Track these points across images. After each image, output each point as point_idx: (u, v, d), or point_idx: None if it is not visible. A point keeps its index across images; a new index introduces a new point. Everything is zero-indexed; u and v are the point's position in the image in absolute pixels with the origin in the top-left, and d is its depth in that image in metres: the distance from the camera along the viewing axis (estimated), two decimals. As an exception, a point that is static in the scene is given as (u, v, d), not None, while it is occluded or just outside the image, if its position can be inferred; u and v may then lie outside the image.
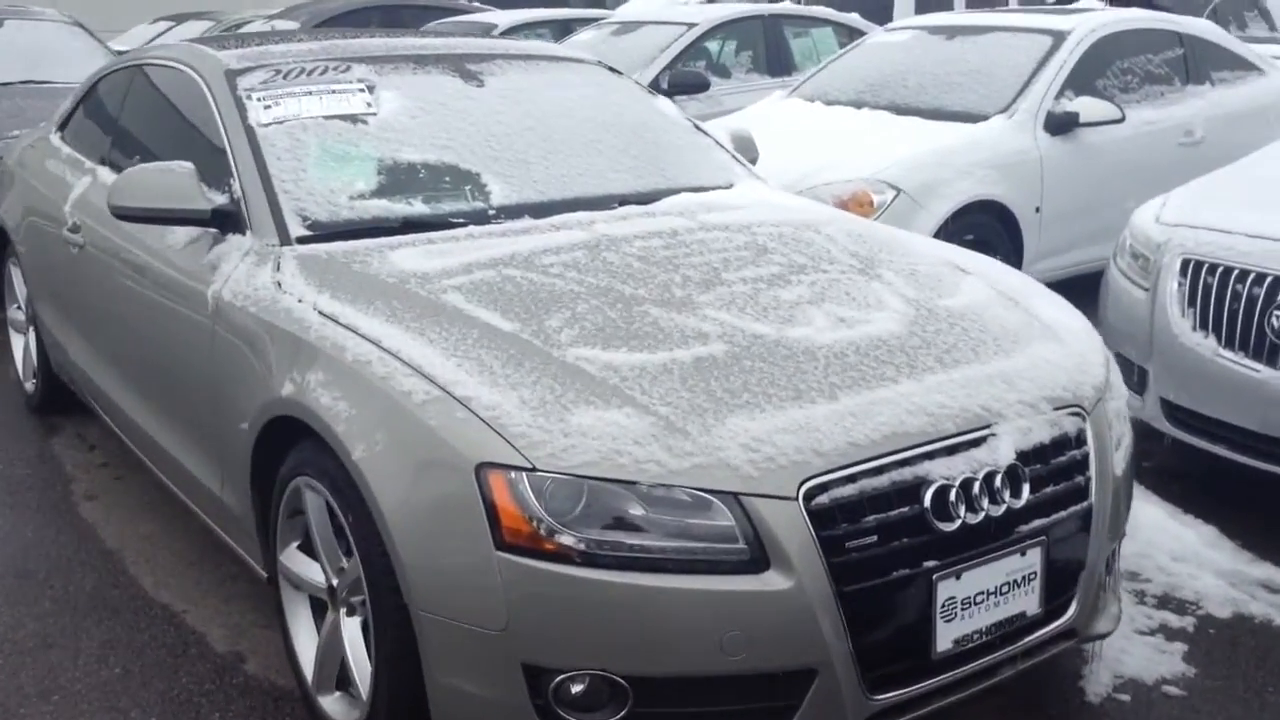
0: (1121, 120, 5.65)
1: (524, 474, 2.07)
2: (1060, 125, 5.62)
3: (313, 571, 2.60)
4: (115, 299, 3.47)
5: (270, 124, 3.18)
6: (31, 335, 4.62)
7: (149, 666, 2.90)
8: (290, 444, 2.59)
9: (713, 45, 8.45)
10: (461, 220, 3.01)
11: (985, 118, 5.60)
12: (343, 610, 2.48)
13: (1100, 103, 5.65)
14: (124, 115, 3.89)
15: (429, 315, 2.46)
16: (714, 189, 3.47)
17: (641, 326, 2.43)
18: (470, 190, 3.14)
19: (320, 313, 2.55)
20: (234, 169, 3.08)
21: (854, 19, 9.18)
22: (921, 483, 2.18)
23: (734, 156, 3.79)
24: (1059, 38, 5.93)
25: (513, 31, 10.28)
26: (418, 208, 3.04)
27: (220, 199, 3.04)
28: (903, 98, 6.00)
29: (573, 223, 3.02)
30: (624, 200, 3.24)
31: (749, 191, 3.53)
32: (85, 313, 3.76)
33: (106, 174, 3.81)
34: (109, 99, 4.11)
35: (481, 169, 3.22)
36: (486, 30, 10.17)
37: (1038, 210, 5.58)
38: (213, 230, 3.05)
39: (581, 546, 2.05)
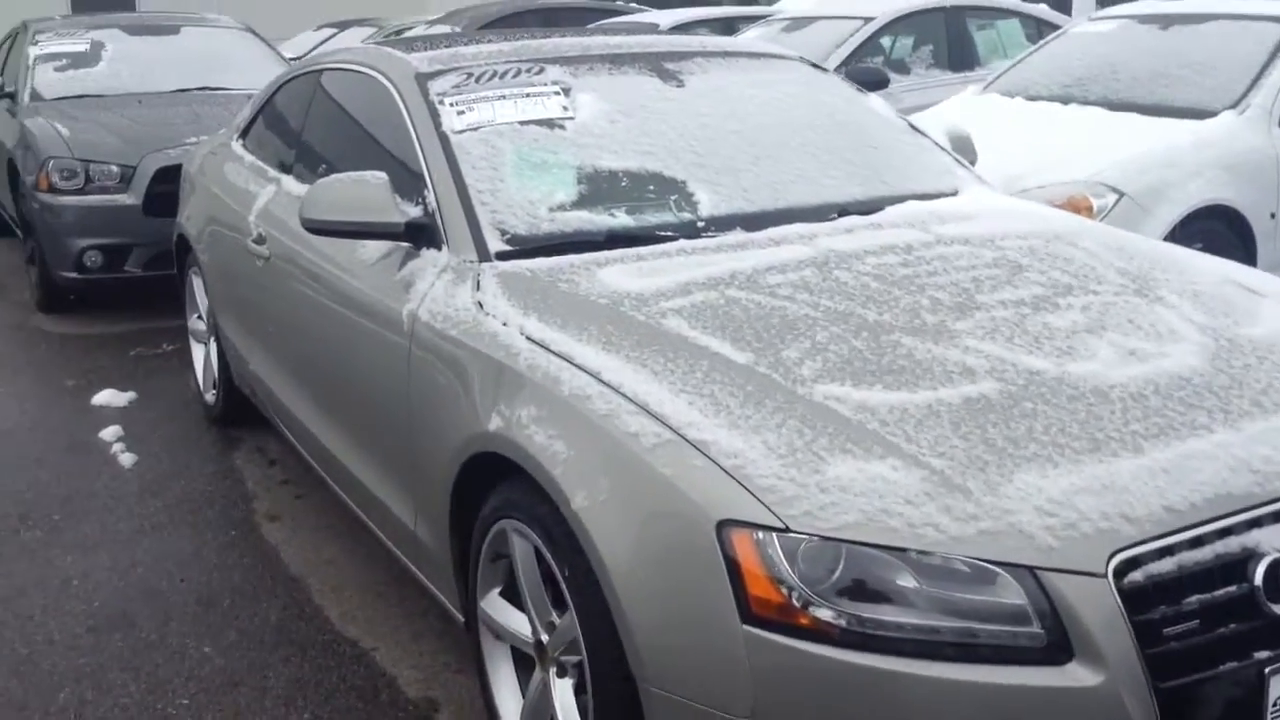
0: (1371, 115, 5.06)
1: (774, 534, 1.79)
2: (1298, 121, 5.07)
3: (518, 623, 2.37)
4: (302, 314, 3.33)
5: (464, 131, 2.98)
6: (213, 346, 4.56)
7: (339, 713, 2.72)
8: (495, 482, 2.37)
9: (890, 40, 8.03)
10: (670, 234, 2.74)
11: (1213, 114, 5.09)
12: (552, 670, 2.24)
13: (1347, 95, 5.07)
14: (308, 122, 3.76)
15: (650, 343, 2.19)
16: (939, 196, 3.14)
17: (894, 360, 2.12)
18: (677, 200, 2.88)
19: (529, 338, 2.31)
20: (428, 180, 2.88)
21: (1042, 10, 8.63)
22: (1250, 556, 1.81)
23: (955, 159, 3.44)
24: (1292, 25, 5.36)
25: (675, 30, 10.04)
26: (622, 220, 2.79)
27: (414, 212, 2.85)
28: (1116, 92, 5.52)
29: (792, 236, 2.73)
30: (844, 210, 2.93)
31: (979, 198, 3.18)
32: (270, 326, 3.64)
33: (291, 183, 3.68)
34: (292, 105, 3.99)
35: (687, 176, 2.95)
36: (650, 30, 9.96)
37: (1273, 216, 5.04)
38: (405, 245, 2.86)
39: (842, 623, 1.75)
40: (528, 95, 3.12)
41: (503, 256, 2.66)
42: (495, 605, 2.44)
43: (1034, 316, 2.30)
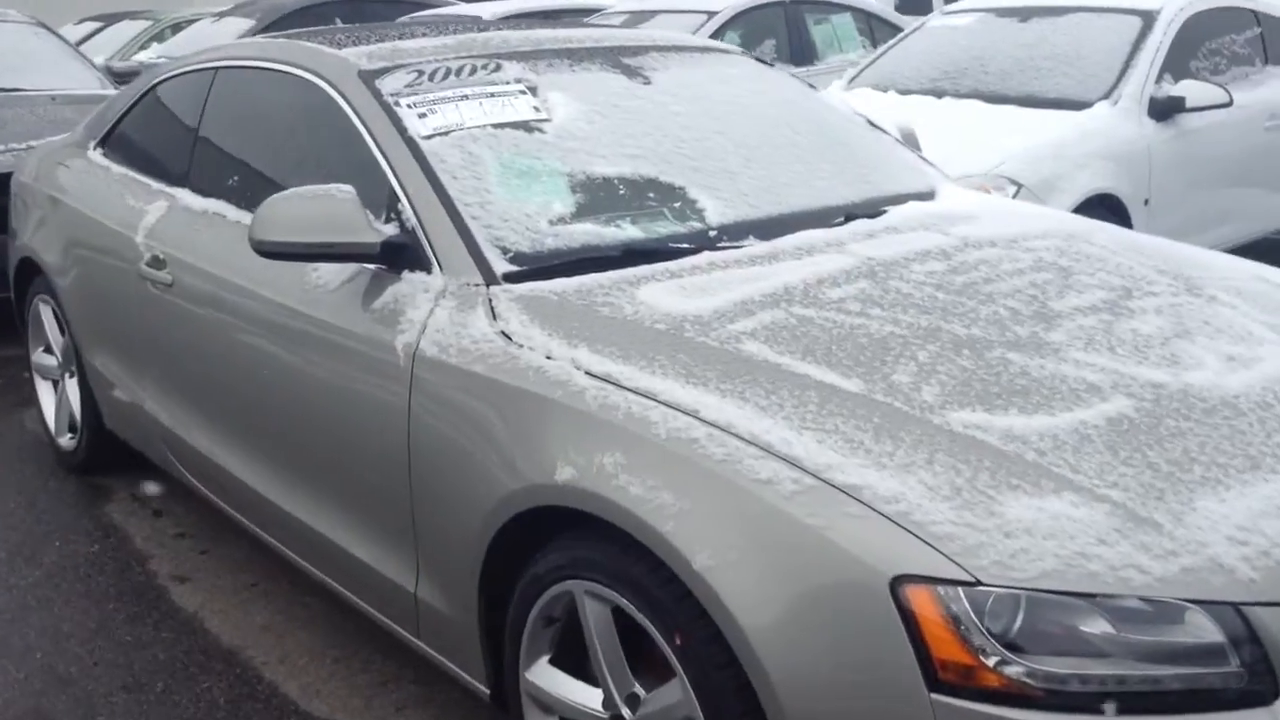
0: (1229, 104, 5.30)
1: (961, 589, 1.59)
2: (1164, 111, 5.25)
3: (580, 694, 2.08)
4: (228, 349, 2.89)
5: (433, 136, 2.64)
6: (71, 385, 3.99)
7: (347, 812, 2.36)
8: (547, 538, 2.08)
9: (734, 34, 7.97)
10: (687, 245, 2.50)
11: (1087, 105, 5.22)
12: (640, 749, 1.98)
13: (1207, 86, 5.30)
14: (205, 128, 3.29)
15: (738, 373, 1.95)
16: (922, 195, 3.01)
17: (1013, 379, 1.96)
18: (680, 208, 2.63)
19: (589, 373, 2.02)
20: (401, 192, 2.53)
21: (870, 3, 8.77)
22: None
23: (920, 156, 3.33)
24: (1149, 18, 5.56)
25: (504, 22, 9.69)
26: (630, 231, 2.53)
27: (388, 230, 2.50)
28: (988, 85, 5.59)
29: (818, 244, 2.53)
30: (849, 214, 2.76)
31: (964, 197, 3.07)
32: (174, 363, 3.16)
33: (189, 197, 3.22)
34: (176, 109, 3.50)
35: (685, 182, 2.71)
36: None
37: (1146, 203, 5.21)
38: (373, 267, 2.51)
39: (1044, 683, 1.57)
40: (492, 95, 2.80)
41: (510, 278, 2.35)
42: (545, 675, 2.14)
43: (1118, 324, 2.18)
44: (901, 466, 1.72)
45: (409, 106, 2.72)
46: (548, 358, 2.10)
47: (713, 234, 2.57)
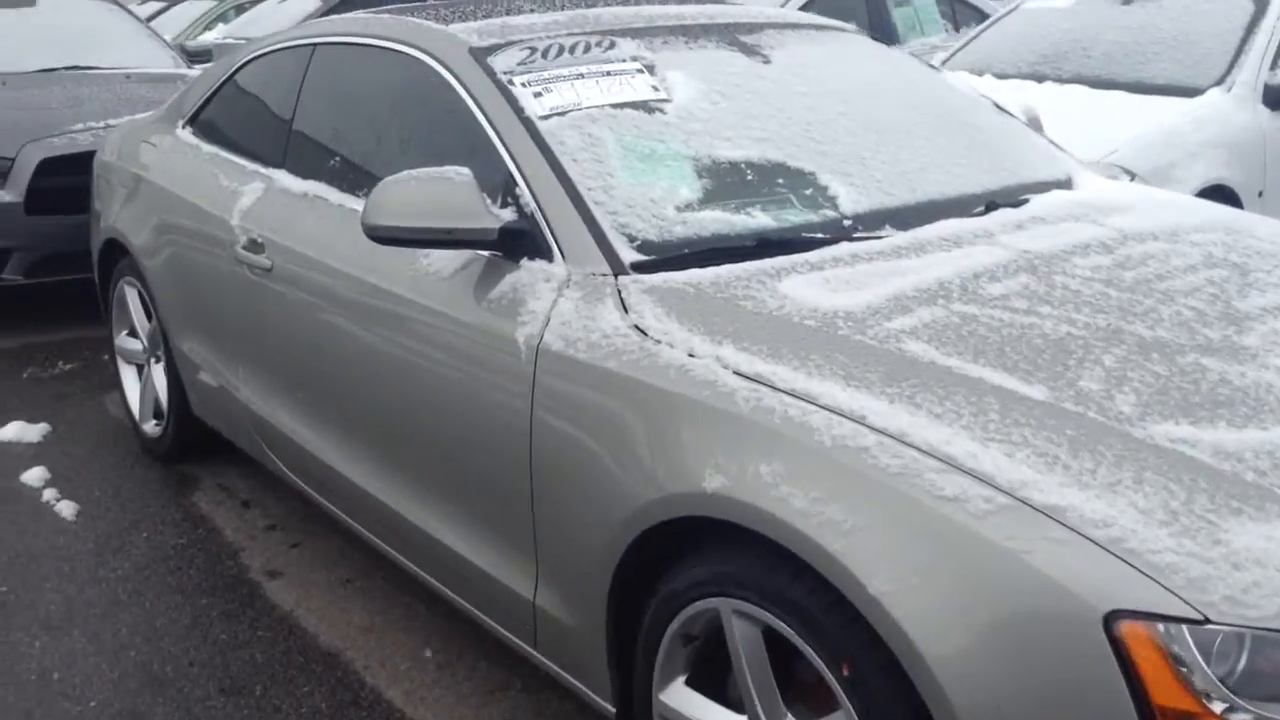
0: (1350, 92, 5.03)
1: (1186, 628, 1.42)
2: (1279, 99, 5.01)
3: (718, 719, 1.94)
4: (330, 337, 2.77)
5: (550, 116, 2.50)
6: (157, 369, 3.91)
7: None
8: (681, 548, 1.93)
9: (813, 16, 7.76)
10: (822, 235, 2.34)
11: (1199, 91, 4.97)
12: (793, 781, 1.83)
13: (1328, 72, 5.04)
14: (303, 107, 3.17)
15: (904, 375, 1.79)
16: (1060, 183, 2.83)
17: (1212, 387, 1.78)
18: (812, 195, 2.47)
19: (738, 373, 1.87)
20: (519, 176, 2.39)
21: (953, -15, 8.53)
22: None
23: (1051, 141, 3.14)
24: (1261, 3, 5.30)
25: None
26: (761, 219, 2.37)
27: (506, 215, 2.36)
28: (1092, 69, 5.35)
29: (963, 235, 2.36)
30: (990, 202, 2.58)
31: (1104, 184, 2.88)
32: (271, 350, 3.05)
33: (286, 179, 3.10)
34: (269, 87, 3.39)
35: (815, 167, 2.54)
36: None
37: (1260, 194, 4.97)
38: (488, 254, 2.38)
39: (1269, 729, 1.41)
40: (608, 73, 2.65)
41: (639, 268, 2.20)
42: (681, 697, 2.00)
43: (1314, 327, 2.00)
44: (1106, 486, 1.55)
45: (524, 85, 2.58)
46: (690, 355, 1.94)
47: (848, 223, 2.40)
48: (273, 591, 3.13)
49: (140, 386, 4.04)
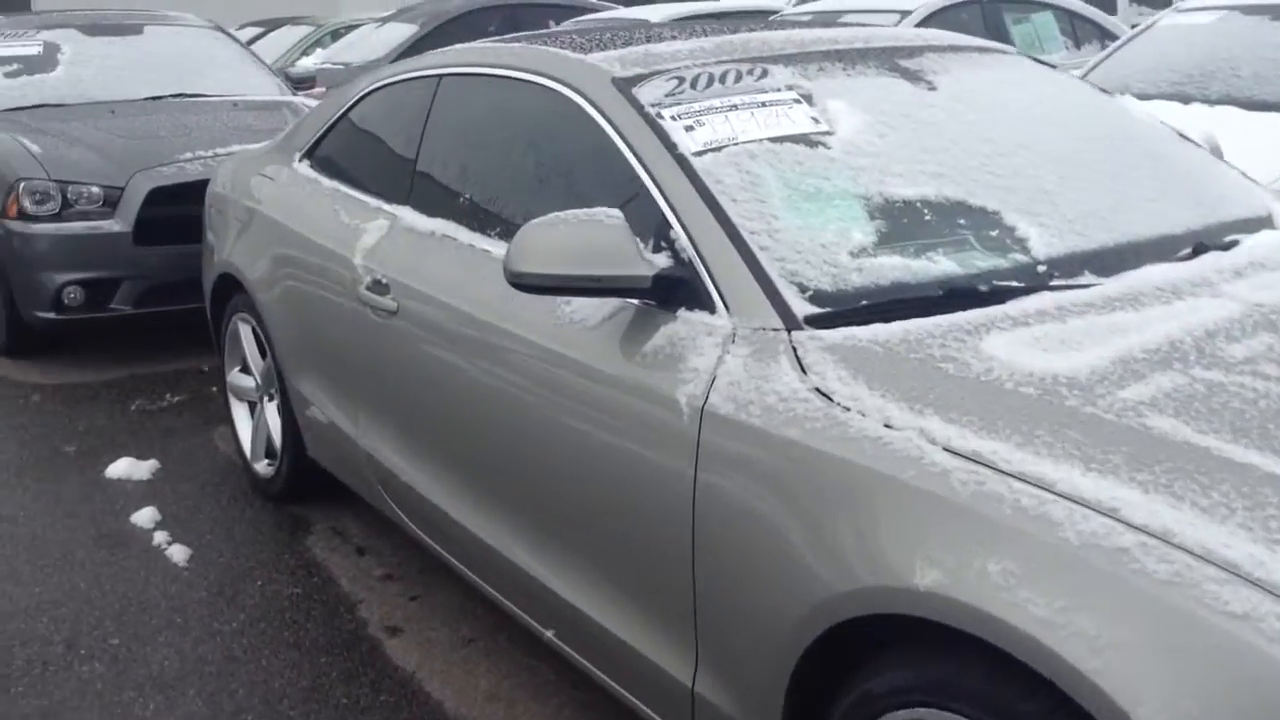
0: None
1: None
2: None
3: (922, 839, 1.71)
4: (461, 386, 2.60)
5: (704, 152, 2.30)
6: (270, 408, 3.79)
7: None
8: (873, 644, 1.71)
9: (927, 35, 7.50)
10: (1017, 284, 2.10)
11: (1365, 111, 4.63)
12: None
13: None
14: (430, 141, 3.02)
15: (1155, 459, 1.53)
16: (1263, 220, 2.55)
17: None
18: (999, 237, 2.23)
19: (951, 451, 1.64)
20: (673, 217, 2.20)
21: (1072, 2, 8.19)
22: None
23: (1243, 173, 2.86)
24: None
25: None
26: (945, 265, 2.14)
27: (661, 260, 2.16)
28: (1243, 90, 5.02)
29: (1180, 285, 2.10)
30: (1197, 245, 2.32)
31: (1312, 223, 2.60)
32: (396, 396, 2.89)
33: (412, 216, 2.95)
34: (391, 120, 3.24)
35: (998, 205, 2.31)
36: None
37: None
38: (636, 302, 2.18)
39: None
40: (763, 105, 2.45)
41: (814, 322, 1.99)
42: (872, 809, 1.78)
43: None
44: None
45: (673, 118, 2.39)
46: (887, 426, 1.72)
47: (1042, 269, 2.16)
48: (393, 650, 2.96)
49: (253, 424, 3.93)
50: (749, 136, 2.35)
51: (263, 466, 3.88)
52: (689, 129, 2.37)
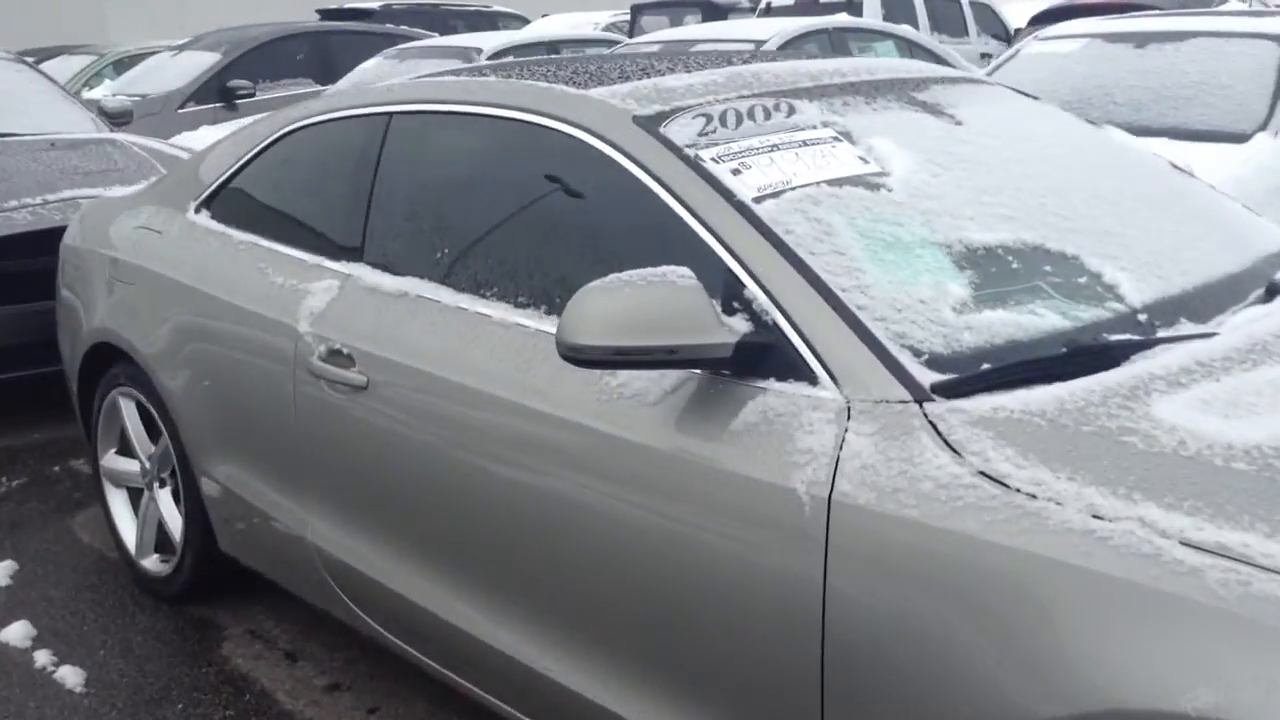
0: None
1: None
2: (1321, 142, 4.85)
3: None
4: (470, 474, 2.23)
5: (764, 197, 2.04)
6: (164, 496, 3.27)
7: None
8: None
9: (780, 64, 7.48)
10: (1131, 337, 1.92)
11: (1245, 137, 4.78)
12: None
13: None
14: (385, 191, 2.62)
15: None
16: (1288, 255, 2.49)
17: None
18: (1090, 284, 2.05)
19: (1190, 544, 1.42)
20: (745, 274, 1.93)
21: (907, 30, 8.35)
22: None
23: (1245, 207, 2.81)
24: (1289, 42, 5.17)
25: (502, 55, 9.04)
26: (1051, 319, 1.93)
27: (740, 325, 1.88)
28: (1122, 115, 5.12)
29: (1287, 330, 1.97)
30: (1270, 285, 2.21)
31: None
32: (368, 485, 2.48)
33: (374, 275, 2.55)
34: (330, 166, 2.82)
35: (1075, 249, 2.13)
36: (469, 55, 8.92)
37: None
38: (698, 372, 1.90)
39: None
40: (804, 144, 2.21)
41: (942, 391, 1.75)
42: None
43: None
44: None
45: (714, 160, 2.12)
46: (1096, 517, 1.49)
47: (1143, 318, 1.99)
48: (369, 780, 2.54)
49: (139, 515, 3.39)
50: (803, 180, 2.10)
51: (153, 563, 3.35)
52: (735, 172, 2.10)
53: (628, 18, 16.28)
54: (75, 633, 3.19)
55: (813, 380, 1.81)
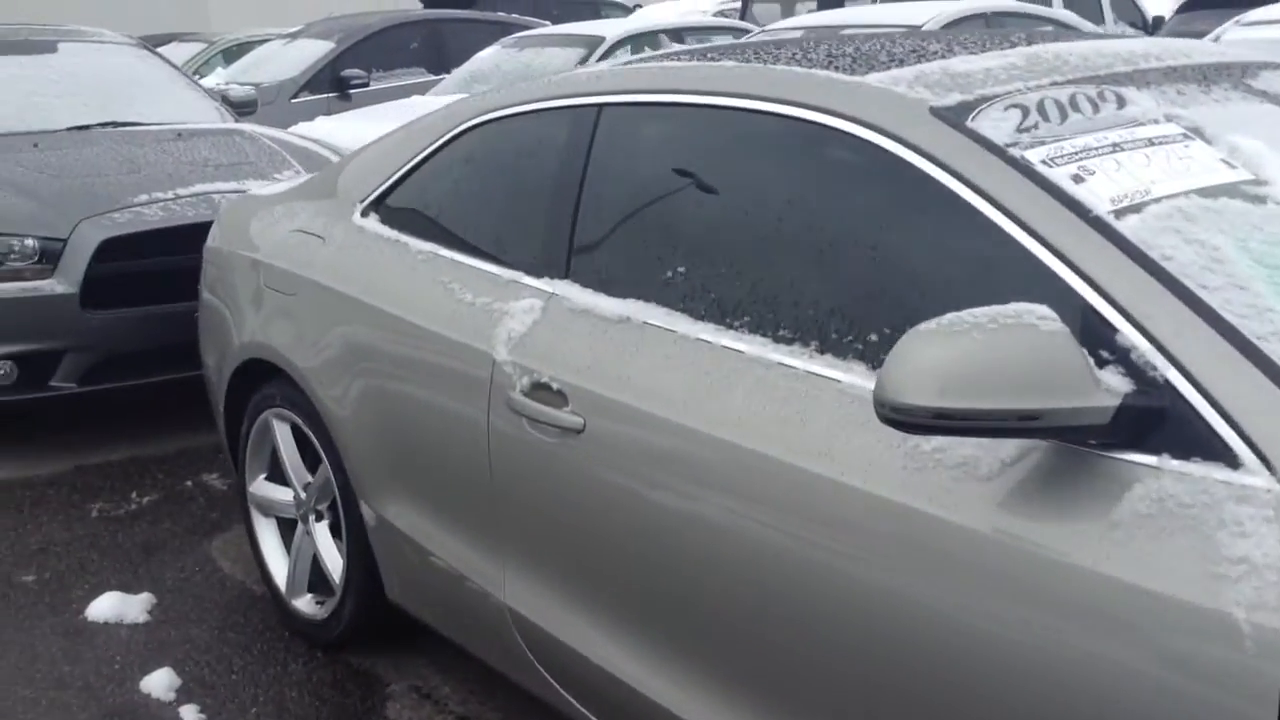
0: None
1: None
2: None
3: None
4: (721, 546, 1.83)
5: (1123, 212, 1.60)
6: (321, 532, 2.94)
7: None
8: None
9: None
10: None
11: None
12: None
13: None
14: (595, 196, 2.22)
15: None
16: None
17: None
18: None
19: None
20: (1122, 317, 1.49)
21: (1068, 15, 7.78)
22: None
23: None
24: None
25: (625, 43, 8.62)
26: None
27: (1117, 382, 1.45)
28: None
29: None
30: None
31: None
32: (583, 546, 2.09)
33: (588, 296, 2.16)
34: (524, 166, 2.43)
35: None
36: (594, 43, 8.51)
37: None
38: (1055, 442, 1.47)
39: None
40: (1150, 143, 1.76)
41: None
42: None
43: None
44: None
45: (1046, 163, 1.68)
46: None
47: None
48: None
49: (292, 549, 3.06)
50: (1166, 189, 1.66)
51: (307, 604, 3.02)
52: (1076, 179, 1.66)
53: (736, 4, 15.82)
54: (223, 683, 2.87)
55: (1231, 461, 1.37)
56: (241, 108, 6.32)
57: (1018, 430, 1.43)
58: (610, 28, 8.76)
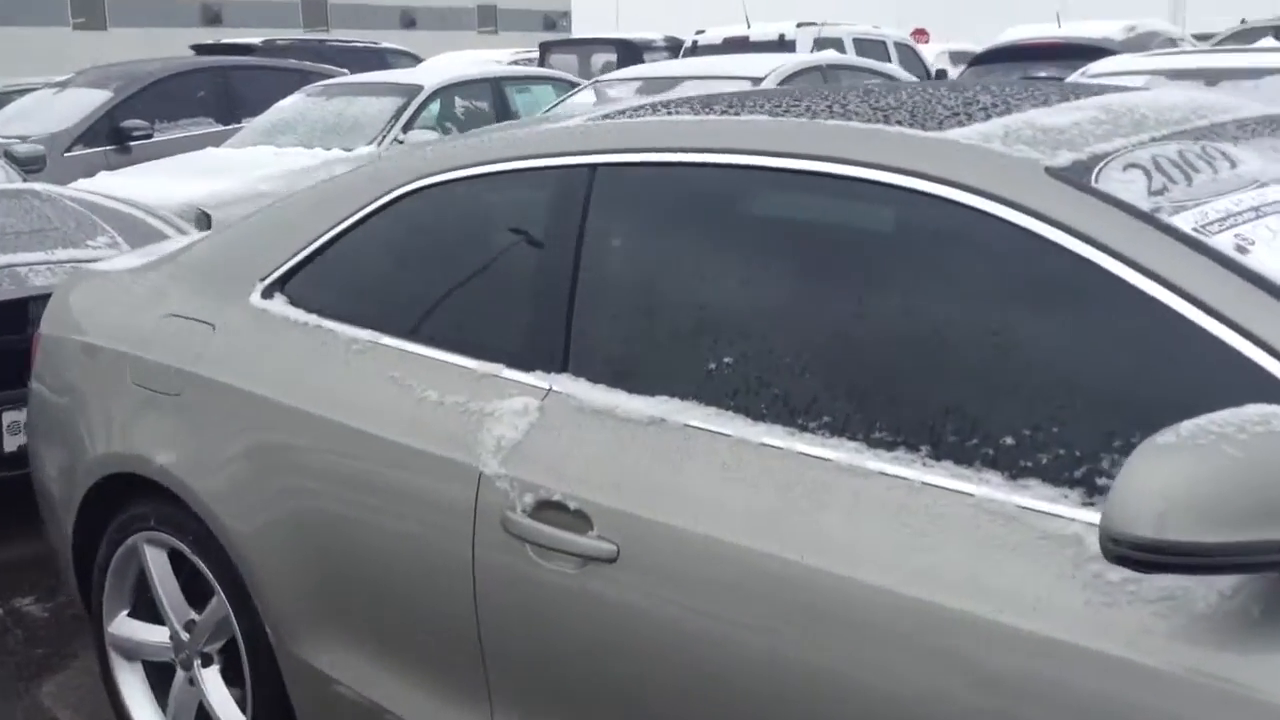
0: None
1: None
2: None
3: None
4: (826, 699, 1.48)
5: (1303, 289, 1.37)
6: (210, 678, 2.41)
7: None
8: None
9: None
10: None
11: None
12: None
13: None
14: (596, 274, 1.85)
15: None
16: None
17: None
18: None
19: None
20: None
21: (891, 68, 7.89)
22: None
23: None
24: None
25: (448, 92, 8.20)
26: None
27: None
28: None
29: None
30: None
31: None
32: (619, 708, 1.70)
33: (602, 395, 1.78)
34: (497, 239, 2.03)
35: None
36: (411, 92, 8.04)
37: None
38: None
39: None
40: (1285, 207, 1.55)
41: None
42: None
43: None
44: None
45: (1197, 231, 1.44)
46: None
47: None
48: None
49: (169, 701, 2.50)
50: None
51: (192, 764, 2.48)
52: (1240, 249, 1.42)
53: (532, 55, 15.67)
54: None
55: None
56: (28, 164, 5.60)
57: (1267, 564, 1.16)
58: (427, 76, 8.34)
